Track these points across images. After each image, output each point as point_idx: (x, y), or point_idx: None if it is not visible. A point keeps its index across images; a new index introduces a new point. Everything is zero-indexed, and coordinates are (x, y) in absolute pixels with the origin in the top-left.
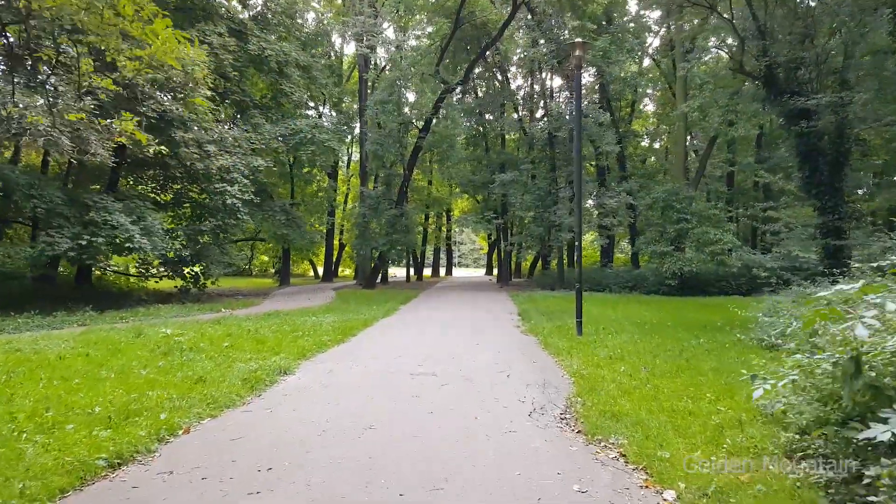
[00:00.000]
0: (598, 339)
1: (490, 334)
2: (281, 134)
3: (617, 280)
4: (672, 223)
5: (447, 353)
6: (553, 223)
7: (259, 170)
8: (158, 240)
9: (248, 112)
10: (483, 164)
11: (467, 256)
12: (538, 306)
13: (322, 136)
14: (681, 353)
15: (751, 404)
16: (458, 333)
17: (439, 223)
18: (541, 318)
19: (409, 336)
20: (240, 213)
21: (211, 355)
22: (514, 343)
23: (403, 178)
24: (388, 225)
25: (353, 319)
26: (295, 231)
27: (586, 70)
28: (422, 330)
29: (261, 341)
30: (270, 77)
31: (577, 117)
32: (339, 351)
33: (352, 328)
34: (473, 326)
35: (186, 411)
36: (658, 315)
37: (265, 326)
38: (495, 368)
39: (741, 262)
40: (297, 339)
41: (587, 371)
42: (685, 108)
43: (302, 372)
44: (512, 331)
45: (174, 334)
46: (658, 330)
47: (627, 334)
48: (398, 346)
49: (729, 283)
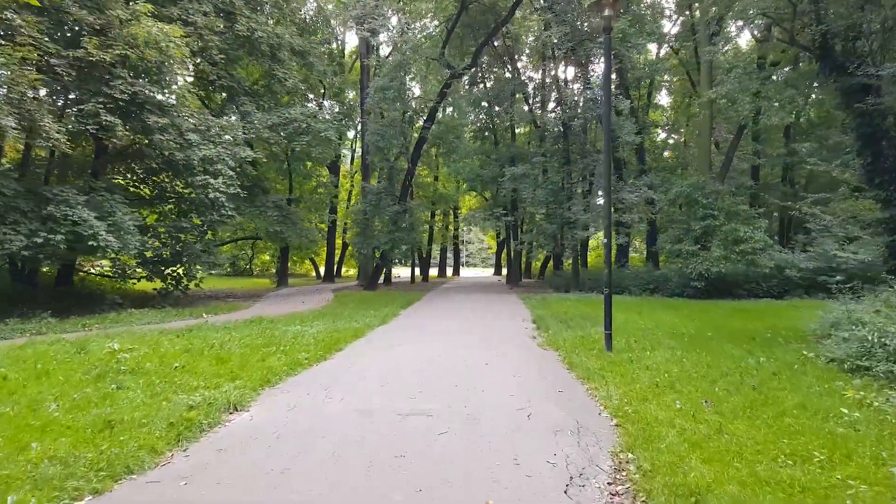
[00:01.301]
0: (633, 357)
1: (501, 348)
2: (273, 123)
3: (636, 281)
4: (697, 220)
5: (450, 376)
6: (567, 220)
7: (247, 161)
8: (131, 237)
9: (238, 99)
10: (492, 158)
11: (475, 256)
12: (553, 311)
13: (318, 126)
14: (742, 379)
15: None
16: (463, 347)
17: (446, 221)
18: (559, 327)
19: (406, 351)
20: (224, 209)
21: (151, 381)
22: (531, 361)
23: (407, 172)
24: (390, 222)
25: (343, 328)
26: (290, 229)
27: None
28: (421, 342)
29: (222, 360)
30: (262, 62)
31: (606, 89)
32: (315, 374)
33: (339, 340)
34: (482, 337)
35: (51, 488)
36: (692, 323)
37: (236, 338)
38: (511, 403)
39: (774, 262)
40: (268, 356)
41: (632, 407)
42: (712, 94)
43: (257, 408)
44: (527, 342)
45: (121, 349)
46: (700, 343)
47: (666, 349)
48: (390, 366)
49: (759, 285)
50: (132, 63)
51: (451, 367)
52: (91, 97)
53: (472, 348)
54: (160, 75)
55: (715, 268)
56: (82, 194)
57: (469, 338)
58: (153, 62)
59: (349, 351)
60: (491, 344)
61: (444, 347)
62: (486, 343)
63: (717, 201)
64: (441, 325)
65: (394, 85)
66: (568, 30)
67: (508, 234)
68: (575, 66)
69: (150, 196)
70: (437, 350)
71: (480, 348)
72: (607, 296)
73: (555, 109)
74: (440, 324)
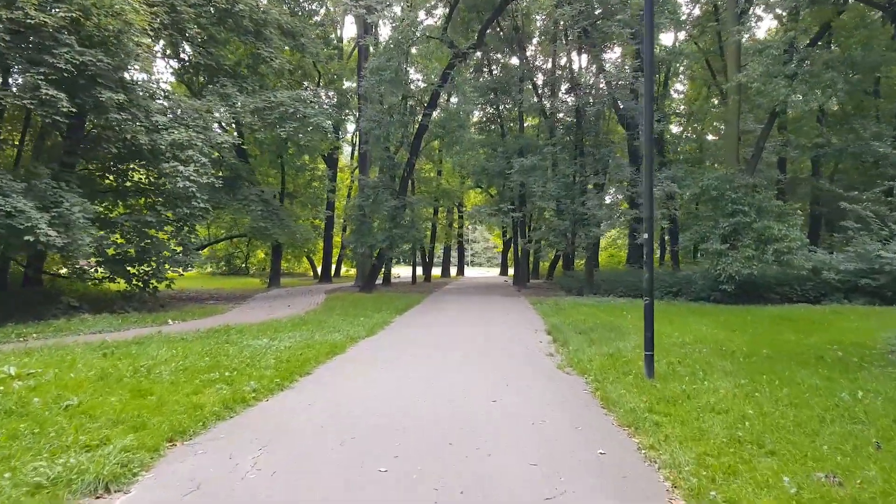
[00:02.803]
0: (685, 388)
1: (513, 372)
2: (257, 107)
3: (656, 284)
4: (725, 216)
5: (443, 425)
6: (581, 216)
7: (224, 147)
8: (81, 233)
9: (218, 80)
10: (498, 151)
11: (480, 255)
12: (570, 319)
13: (308, 112)
14: (851, 427)
15: None
16: (464, 372)
17: (450, 218)
18: (579, 340)
19: (389, 379)
20: (196, 200)
21: (15, 432)
22: (553, 395)
23: (406, 164)
24: (388, 218)
25: (321, 342)
26: (276, 225)
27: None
28: (412, 362)
29: (141, 392)
30: (245, 39)
31: (648, 48)
32: (255, 418)
33: (309, 360)
34: (488, 356)
35: None
36: (736, 335)
37: (179, 357)
38: (532, 481)
39: (811, 263)
40: (206, 386)
41: (719, 490)
42: (742, 78)
43: (139, 491)
44: (543, 364)
45: (19, 375)
46: (761, 365)
47: (723, 375)
48: (363, 406)
49: (793, 288)
50: (87, 32)
51: (445, 408)
52: (30, 67)
53: (476, 373)
54: (119, 47)
55: (746, 269)
56: (19, 181)
57: (471, 358)
58: (111, 31)
59: (316, 377)
60: (499, 366)
61: (439, 371)
62: (492, 364)
63: (747, 196)
64: (439, 338)
65: (391, 65)
66: (583, 6)
67: (516, 232)
68: (588, 50)
69: (115, 186)
70: (429, 376)
71: (486, 372)
72: (648, 306)
73: (568, 94)
74: (438, 335)
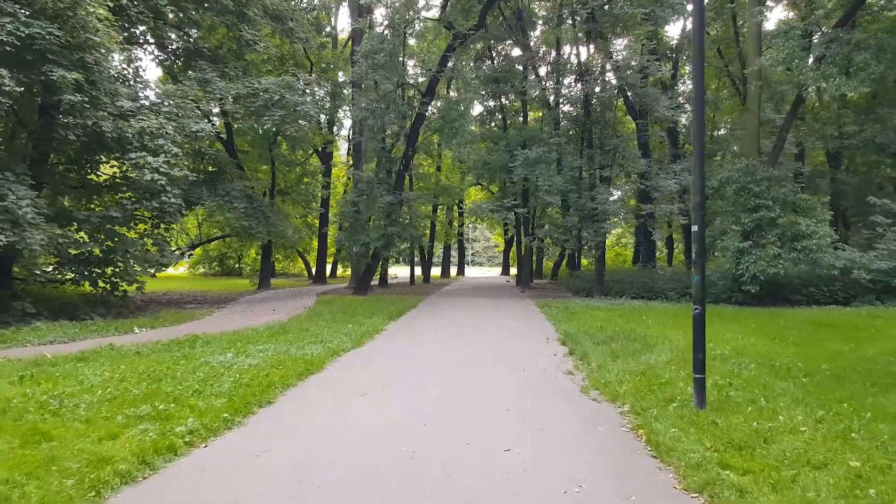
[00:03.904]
0: (756, 425)
1: (529, 403)
2: (239, 93)
3: (672, 284)
4: (747, 211)
5: (439, 496)
6: (590, 211)
7: (201, 135)
8: (33, 229)
9: (195, 63)
10: (501, 144)
11: (481, 254)
12: (584, 326)
13: (294, 99)
14: None
15: None
16: (468, 402)
17: (450, 217)
18: (600, 353)
19: (371, 416)
20: (167, 195)
21: None
22: (585, 437)
23: (403, 157)
24: (383, 215)
25: (296, 357)
26: (261, 223)
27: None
28: (401, 387)
29: (36, 438)
30: (226, 19)
31: (698, 11)
32: (179, 478)
33: (275, 384)
34: (496, 377)
35: None
36: (777, 345)
37: (114, 379)
38: None
39: (843, 262)
40: (127, 426)
41: None
42: (764, 62)
43: None
44: (564, 386)
45: None
46: (828, 386)
47: (791, 402)
48: (331, 463)
49: (820, 289)
50: (40, 4)
51: (441, 468)
52: None
53: (481, 403)
54: (75, 20)
55: (772, 268)
56: None
57: (475, 378)
58: (65, 1)
59: (278, 410)
60: (510, 391)
61: (436, 403)
62: (503, 390)
63: (770, 190)
64: (435, 352)
65: (385, 48)
66: None
67: (519, 229)
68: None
69: (80, 181)
70: (424, 410)
71: (493, 402)
72: (698, 317)
73: (575, 82)
74: (434, 348)
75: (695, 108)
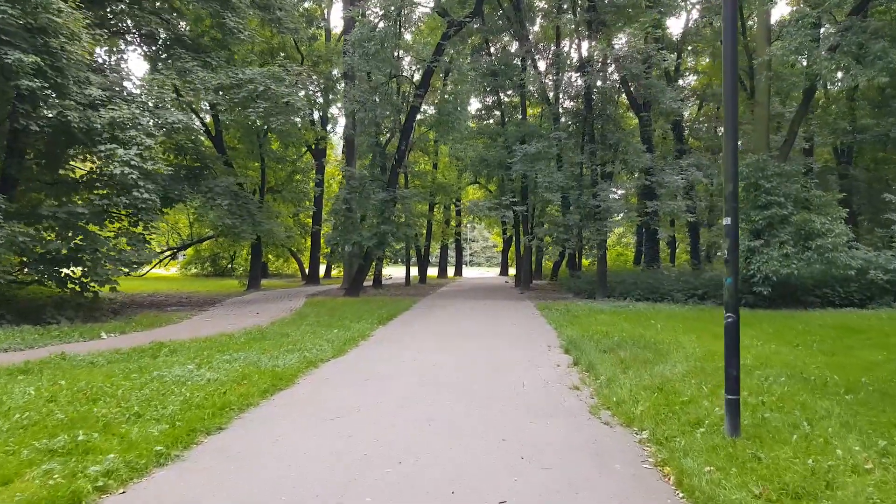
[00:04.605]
0: (812, 462)
1: (528, 430)
2: (221, 84)
3: (678, 286)
4: (758, 208)
5: None
6: (593, 208)
7: (176, 128)
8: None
9: (174, 51)
10: (499, 140)
11: (479, 254)
12: (588, 330)
13: (280, 91)
14: None
15: None
16: (456, 431)
17: (447, 216)
18: (608, 363)
19: (339, 453)
20: (138, 190)
21: None
22: (599, 477)
23: (397, 152)
24: (376, 213)
25: (265, 370)
26: (245, 221)
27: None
28: (379, 413)
29: None
30: (208, 6)
31: None
32: None
33: (231, 404)
34: (488, 394)
35: None
36: (802, 353)
37: (42, 398)
38: None
39: (860, 262)
40: (29, 466)
41: None
42: (776, 50)
43: None
44: (570, 405)
45: None
46: (877, 405)
47: (839, 427)
48: None
49: (834, 290)
50: None
51: None
52: None
53: (472, 431)
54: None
55: (785, 269)
56: None
57: (467, 396)
58: None
59: (227, 439)
60: (507, 413)
61: (417, 429)
62: (497, 410)
63: (782, 186)
64: (424, 363)
65: (376, 36)
66: None
67: (518, 228)
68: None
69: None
70: (400, 440)
71: (487, 429)
72: (731, 326)
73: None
74: (423, 359)
75: (726, 76)
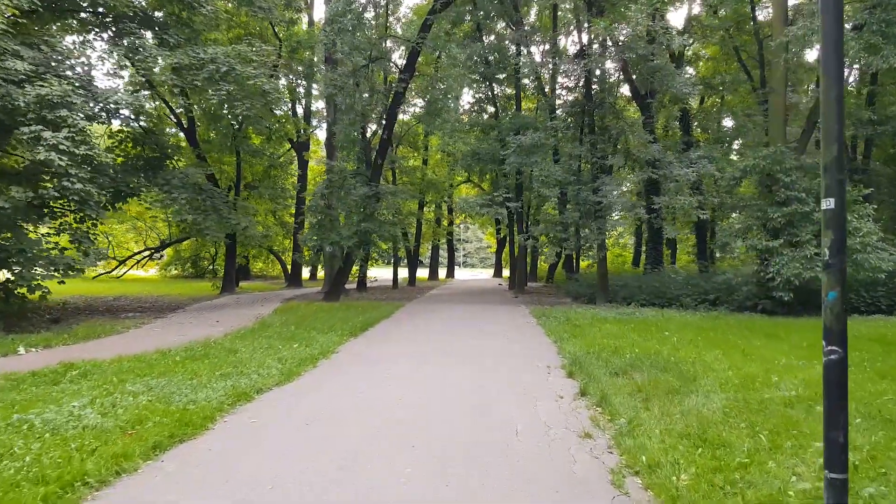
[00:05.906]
0: None
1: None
2: (179, 63)
3: (687, 290)
4: (777, 204)
5: None
6: (593, 205)
7: (119, 104)
8: None
9: (125, 25)
10: (492, 133)
11: (473, 255)
12: (593, 344)
13: (245, 72)
14: None
15: None
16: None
17: (438, 214)
18: (623, 391)
19: None
20: (69, 179)
21: None
22: None
23: (380, 142)
24: (357, 210)
25: (169, 410)
26: (209, 218)
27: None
28: (305, 492)
29: None
30: None
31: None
32: None
33: (76, 481)
34: (467, 452)
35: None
36: (863, 377)
37: None
38: None
39: (889, 265)
40: None
41: None
42: (797, 31)
43: None
44: (580, 470)
45: None
46: None
47: None
48: None
49: (860, 295)
50: None
51: None
52: None
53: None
54: None
55: (808, 271)
56: None
57: (440, 459)
58: None
59: None
60: (490, 491)
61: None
62: (473, 488)
63: (802, 180)
64: (389, 396)
65: (353, 9)
66: None
67: (512, 227)
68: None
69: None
70: None
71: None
72: (832, 367)
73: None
74: (390, 389)
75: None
